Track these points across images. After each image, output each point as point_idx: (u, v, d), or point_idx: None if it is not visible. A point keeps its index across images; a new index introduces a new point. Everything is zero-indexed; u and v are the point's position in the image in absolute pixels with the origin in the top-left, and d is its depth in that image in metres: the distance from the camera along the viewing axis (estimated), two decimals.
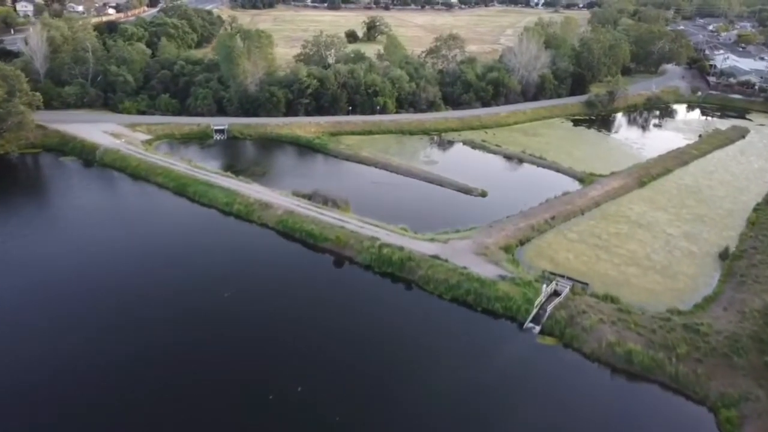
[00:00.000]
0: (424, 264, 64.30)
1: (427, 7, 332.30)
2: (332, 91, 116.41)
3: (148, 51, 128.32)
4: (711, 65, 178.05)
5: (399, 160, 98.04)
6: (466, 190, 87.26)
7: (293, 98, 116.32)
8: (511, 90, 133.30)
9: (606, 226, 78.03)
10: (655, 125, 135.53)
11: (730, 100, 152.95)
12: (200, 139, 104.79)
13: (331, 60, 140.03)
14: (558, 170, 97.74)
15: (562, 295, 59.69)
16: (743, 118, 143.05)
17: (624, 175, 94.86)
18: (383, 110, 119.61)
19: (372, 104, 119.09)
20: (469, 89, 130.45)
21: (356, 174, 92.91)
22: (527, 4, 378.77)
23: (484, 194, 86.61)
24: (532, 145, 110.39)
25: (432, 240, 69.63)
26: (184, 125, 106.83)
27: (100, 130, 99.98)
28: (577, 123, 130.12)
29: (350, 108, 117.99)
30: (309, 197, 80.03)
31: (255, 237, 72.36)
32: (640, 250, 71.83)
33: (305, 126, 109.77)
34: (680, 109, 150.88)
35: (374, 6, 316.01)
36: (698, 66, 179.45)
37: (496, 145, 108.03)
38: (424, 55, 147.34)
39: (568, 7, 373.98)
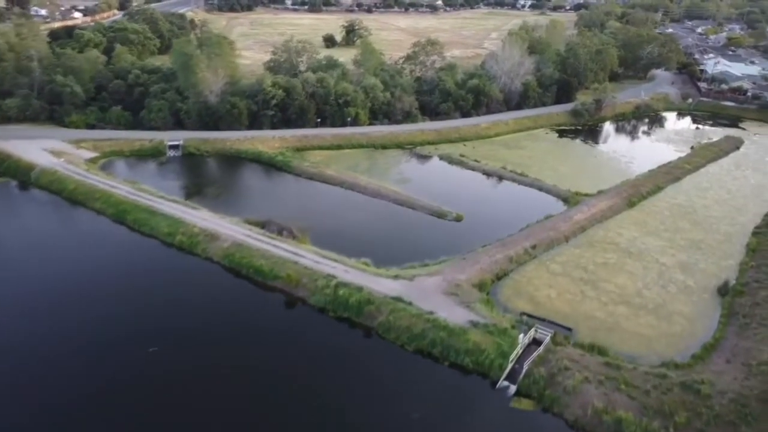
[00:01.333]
0: (386, 308, 56.18)
1: (411, 9, 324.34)
2: (299, 101, 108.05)
3: (103, 58, 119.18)
4: (701, 70, 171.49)
5: (368, 178, 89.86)
6: (440, 214, 79.22)
7: (258, 110, 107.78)
8: (492, 99, 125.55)
9: (593, 255, 70.25)
10: (645, 134, 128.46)
11: (722, 108, 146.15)
12: (152, 156, 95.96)
13: (303, 67, 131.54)
14: (541, 189, 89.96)
15: (542, 346, 51.81)
16: (736, 126, 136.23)
17: (612, 194, 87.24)
18: (355, 122, 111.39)
19: (343, 116, 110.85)
20: (448, 98, 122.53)
21: (320, 196, 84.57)
22: (513, 6, 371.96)
23: (459, 218, 78.60)
24: (514, 159, 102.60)
25: (396, 277, 61.49)
26: (135, 141, 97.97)
27: (40, 148, 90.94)
28: (562, 134, 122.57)
29: (319, 120, 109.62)
30: (263, 225, 71.75)
31: (197, 273, 63.94)
32: (630, 285, 64.10)
33: (268, 140, 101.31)
34: (670, 117, 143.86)
35: (356, 9, 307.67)
36: (688, 71, 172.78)
37: (475, 161, 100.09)
38: (401, 61, 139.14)
39: (555, 9, 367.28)
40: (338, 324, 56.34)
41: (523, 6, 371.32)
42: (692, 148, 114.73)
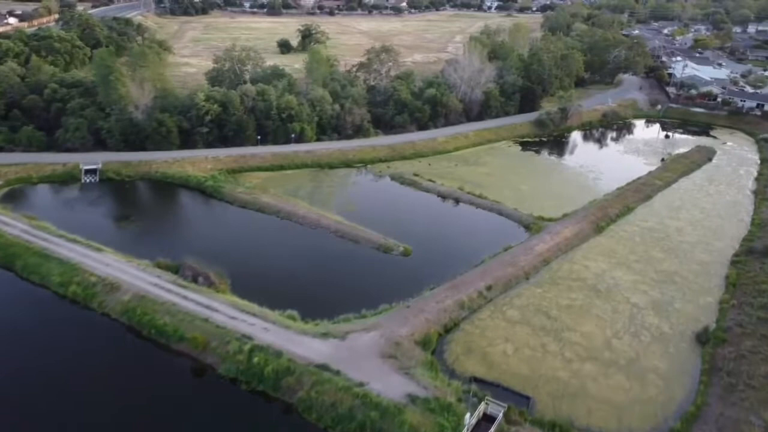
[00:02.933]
0: (308, 378, 46.75)
1: (374, 12, 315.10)
2: (237, 117, 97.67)
3: (21, 71, 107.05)
4: (669, 74, 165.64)
5: (309, 206, 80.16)
6: (385, 248, 69.91)
7: (191, 127, 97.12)
8: (451, 109, 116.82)
9: (556, 296, 61.68)
10: (613, 144, 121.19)
11: (692, 114, 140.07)
12: (65, 182, 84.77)
13: (248, 76, 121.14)
14: (501, 213, 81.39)
15: (494, 426, 42.74)
16: (707, 134, 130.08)
17: (578, 219, 79.04)
18: (300, 138, 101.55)
19: (286, 132, 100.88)
20: (403, 110, 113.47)
21: (251, 228, 74.58)
22: (480, 8, 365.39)
23: (407, 253, 69.42)
24: (472, 177, 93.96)
25: (326, 335, 51.99)
26: (47, 165, 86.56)
27: None
28: (525, 146, 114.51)
29: (259, 137, 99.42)
30: (176, 270, 61.51)
31: (89, 334, 53.87)
32: (598, 334, 55.65)
33: (200, 162, 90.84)
34: (639, 125, 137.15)
35: (318, 11, 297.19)
36: (656, 75, 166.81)
37: (430, 180, 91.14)
38: (355, 69, 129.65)
39: (522, 10, 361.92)
40: (252, 399, 46.68)
41: (490, 8, 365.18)
42: (663, 160, 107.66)
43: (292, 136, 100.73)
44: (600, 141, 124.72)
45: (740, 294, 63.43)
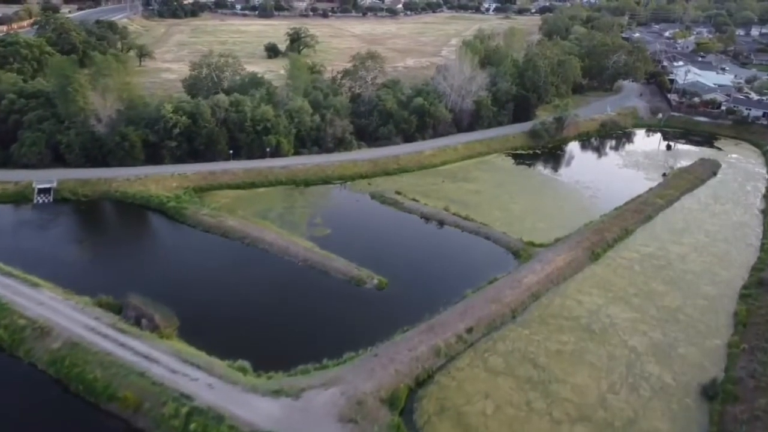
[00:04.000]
0: None
1: (369, 14, 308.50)
2: (207, 130, 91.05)
3: None
4: (671, 80, 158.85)
5: (278, 230, 73.52)
6: (358, 281, 63.25)
7: (158, 140, 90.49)
8: (439, 120, 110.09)
9: (545, 339, 54.99)
10: (611, 157, 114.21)
11: (695, 123, 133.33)
12: (16, 203, 78.15)
13: (226, 85, 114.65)
14: (488, 237, 74.66)
15: None
16: (711, 145, 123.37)
17: (572, 244, 72.30)
18: (276, 152, 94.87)
19: (262, 145, 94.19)
20: (389, 120, 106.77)
21: (211, 257, 67.87)
22: (477, 10, 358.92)
23: (381, 286, 62.76)
24: (459, 196, 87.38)
25: (278, 392, 45.43)
26: None
27: None
28: (518, 159, 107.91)
29: (231, 151, 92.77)
30: (119, 309, 54.89)
31: (9, 389, 46.99)
32: (591, 387, 48.98)
33: (165, 180, 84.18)
34: (639, 135, 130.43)
35: (311, 14, 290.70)
36: (657, 82, 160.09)
37: (413, 200, 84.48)
38: (339, 77, 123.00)
39: (520, 12, 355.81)
40: None
41: (487, 9, 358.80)
42: (664, 175, 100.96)
43: (268, 150, 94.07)
44: (598, 153, 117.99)
45: (751, 335, 56.69)
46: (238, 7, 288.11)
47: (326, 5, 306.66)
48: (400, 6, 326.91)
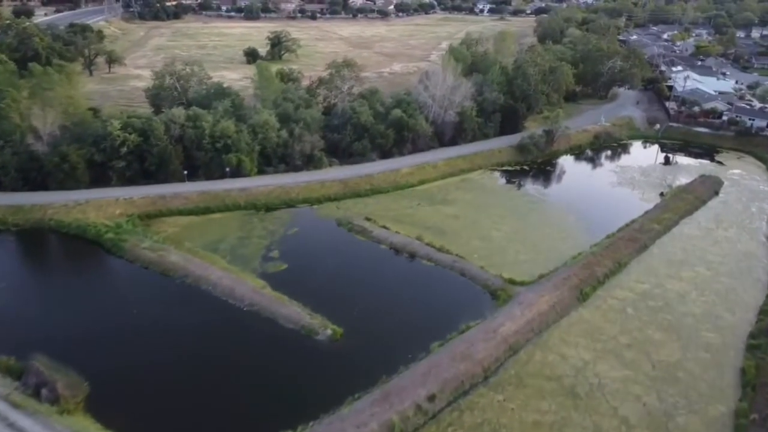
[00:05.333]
0: None
1: (360, 15, 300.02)
2: (159, 148, 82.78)
3: None
4: (669, 86, 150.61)
5: (227, 265, 65.42)
6: (309, 331, 55.01)
7: (105, 160, 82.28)
8: (419, 134, 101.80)
9: (521, 408, 46.88)
10: (604, 174, 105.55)
11: (695, 135, 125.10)
12: None
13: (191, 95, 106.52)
14: (463, 273, 66.49)
15: None
16: (712, 158, 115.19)
17: (557, 282, 64.15)
18: (237, 172, 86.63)
19: (221, 165, 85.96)
20: (363, 135, 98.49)
21: (143, 302, 59.61)
22: (471, 11, 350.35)
23: (335, 337, 54.57)
24: (436, 221, 79.25)
25: None
26: None
27: None
28: (504, 177, 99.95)
29: (186, 172, 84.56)
30: (20, 374, 46.77)
31: None
32: None
33: (108, 205, 75.97)
34: (635, 147, 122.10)
35: (299, 15, 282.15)
36: (655, 89, 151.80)
37: (383, 227, 76.29)
38: (314, 86, 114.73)
39: (516, 13, 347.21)
40: None
41: (482, 11, 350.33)
42: (662, 195, 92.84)
43: (227, 169, 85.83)
44: (590, 169, 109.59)
45: (762, 401, 48.58)
46: (224, 8, 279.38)
47: (315, 7, 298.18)
48: (391, 7, 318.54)
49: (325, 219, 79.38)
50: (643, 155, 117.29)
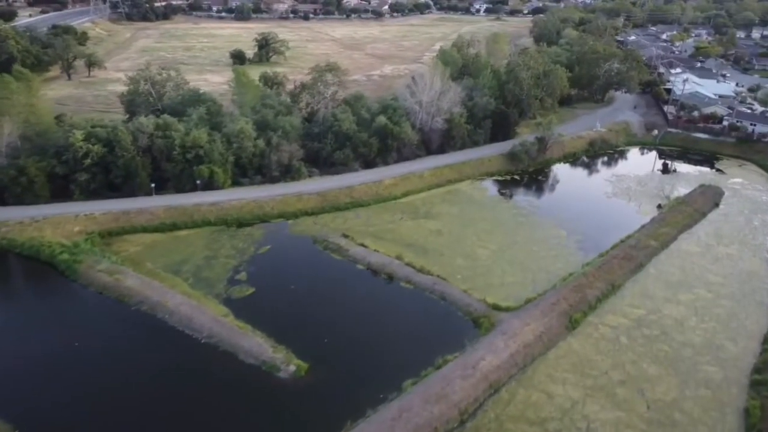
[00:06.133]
0: None
1: (353, 16, 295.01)
2: (125, 160, 77.90)
3: None
4: (667, 89, 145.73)
5: (189, 290, 60.60)
6: (271, 367, 50.11)
7: (69, 172, 77.49)
8: (405, 142, 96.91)
9: None
10: (599, 184, 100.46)
11: (694, 141, 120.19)
12: None
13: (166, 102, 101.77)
14: (444, 297, 61.65)
15: None
16: (712, 166, 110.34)
17: (545, 308, 59.32)
18: (210, 184, 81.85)
19: (192, 177, 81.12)
20: (345, 144, 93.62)
21: (93, 333, 54.75)
22: (468, 12, 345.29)
23: (299, 373, 49.75)
24: (418, 237, 74.44)
25: None
26: None
27: None
28: (494, 187, 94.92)
29: (153, 185, 79.71)
30: None
31: None
32: None
33: (67, 222, 71.07)
34: (632, 155, 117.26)
35: (292, 16, 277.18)
36: (653, 92, 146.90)
37: (361, 245, 71.45)
38: (297, 91, 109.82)
39: (512, 13, 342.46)
40: None
41: (478, 11, 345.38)
42: (659, 207, 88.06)
43: (198, 182, 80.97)
44: (584, 179, 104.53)
45: None
46: (214, 9, 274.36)
47: (308, 7, 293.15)
48: (386, 8, 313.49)
49: (300, 236, 74.48)
50: (640, 163, 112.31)
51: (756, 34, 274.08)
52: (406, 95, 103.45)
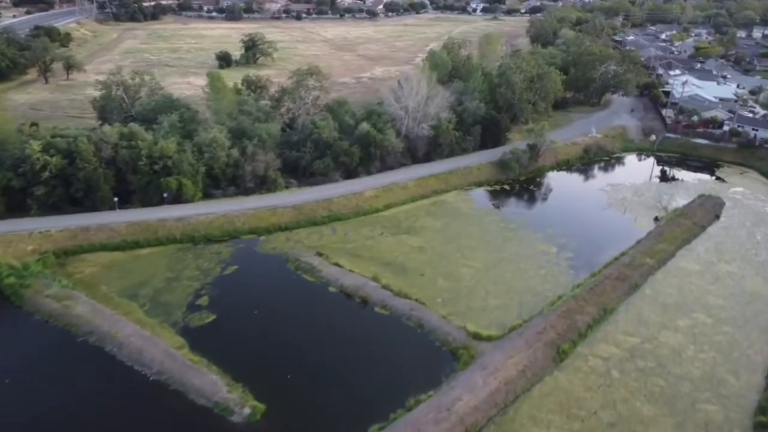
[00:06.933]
0: None
1: (347, 16, 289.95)
2: (86, 172, 73.05)
3: None
4: (665, 92, 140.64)
5: (144, 317, 55.81)
6: (223, 409, 45.26)
7: (26, 185, 72.67)
8: (388, 150, 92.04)
9: None
10: (593, 194, 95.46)
11: (693, 147, 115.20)
12: None
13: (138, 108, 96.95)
14: (422, 326, 56.76)
15: None
16: (712, 173, 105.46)
17: (530, 337, 54.56)
18: (178, 197, 77.04)
19: (159, 190, 76.26)
20: (326, 153, 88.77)
21: (31, 373, 49.78)
22: (464, 11, 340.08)
23: (255, 417, 44.82)
24: (398, 255, 69.70)
25: None
26: None
27: None
28: (482, 198, 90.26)
29: (116, 198, 74.88)
30: None
31: None
32: None
33: (19, 241, 66.32)
34: (629, 161, 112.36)
35: (284, 16, 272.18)
36: (651, 95, 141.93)
37: (336, 264, 66.61)
38: (278, 95, 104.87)
39: (510, 13, 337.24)
40: None
41: (474, 10, 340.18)
42: (656, 219, 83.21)
43: (165, 195, 76.11)
44: (577, 189, 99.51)
45: None
46: (205, 9, 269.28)
47: (302, 7, 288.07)
48: (380, 7, 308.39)
49: (271, 254, 69.63)
50: (637, 170, 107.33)
51: (757, 33, 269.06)
52: (391, 101, 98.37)
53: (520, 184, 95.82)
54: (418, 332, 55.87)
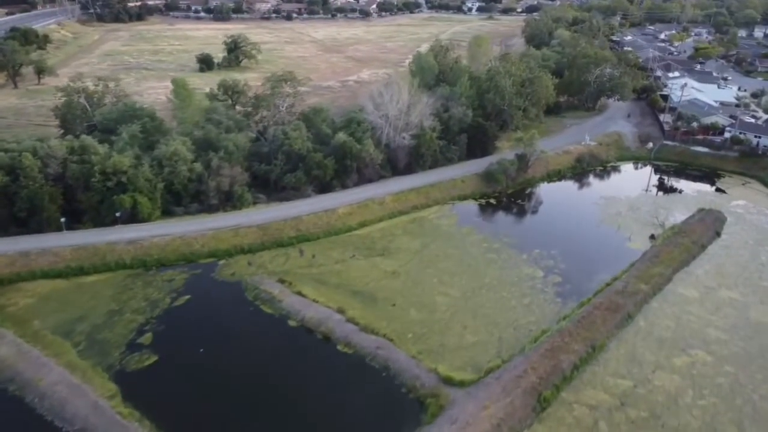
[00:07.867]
0: None
1: (339, 15, 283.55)
2: (30, 190, 66.97)
3: None
4: (663, 95, 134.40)
5: (76, 359, 49.87)
6: None
7: None
8: (366, 162, 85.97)
9: None
10: (585, 209, 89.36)
11: (693, 155, 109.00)
12: None
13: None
14: (387, 368, 50.65)
15: None
16: (712, 184, 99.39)
17: (509, 382, 48.56)
18: (134, 216, 70.97)
19: (112, 208, 70.17)
20: (298, 165, 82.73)
21: None
22: (459, 10, 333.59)
23: None
24: (369, 281, 63.69)
25: None
26: None
27: None
28: (465, 214, 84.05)
29: (64, 219, 68.80)
30: None
31: None
32: None
33: None
34: (624, 171, 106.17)
35: (274, 16, 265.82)
36: (648, 99, 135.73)
37: (298, 293, 60.50)
38: (251, 102, 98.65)
39: (505, 12, 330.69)
40: None
41: (470, 9, 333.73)
42: (652, 237, 77.18)
43: (118, 214, 70.04)
44: (568, 203, 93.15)
45: None
46: (193, 9, 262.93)
47: (293, 6, 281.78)
48: (373, 7, 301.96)
49: (229, 281, 63.58)
50: (633, 181, 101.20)
51: (758, 33, 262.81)
52: (371, 108, 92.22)
53: (507, 197, 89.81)
54: (383, 375, 49.85)
